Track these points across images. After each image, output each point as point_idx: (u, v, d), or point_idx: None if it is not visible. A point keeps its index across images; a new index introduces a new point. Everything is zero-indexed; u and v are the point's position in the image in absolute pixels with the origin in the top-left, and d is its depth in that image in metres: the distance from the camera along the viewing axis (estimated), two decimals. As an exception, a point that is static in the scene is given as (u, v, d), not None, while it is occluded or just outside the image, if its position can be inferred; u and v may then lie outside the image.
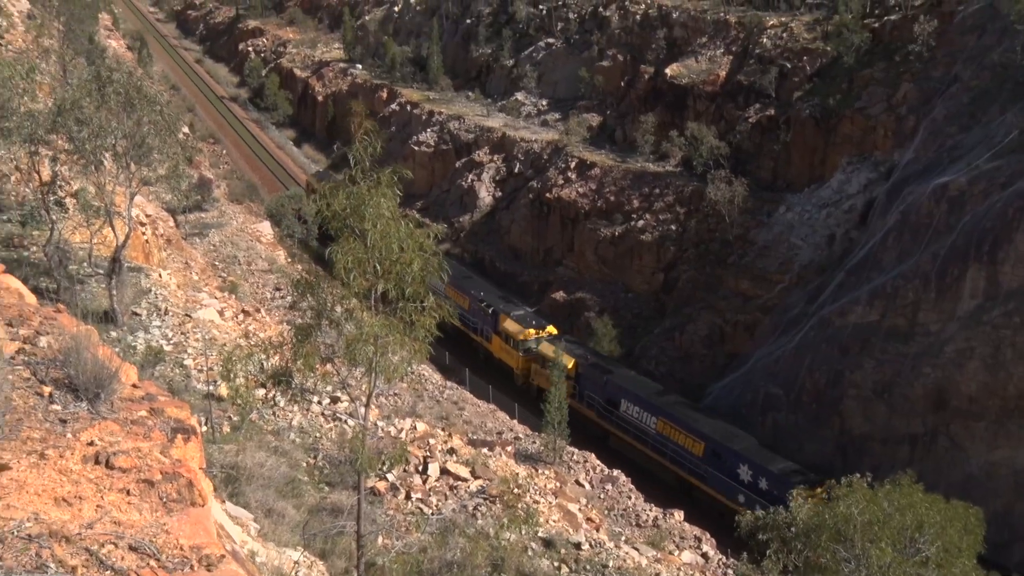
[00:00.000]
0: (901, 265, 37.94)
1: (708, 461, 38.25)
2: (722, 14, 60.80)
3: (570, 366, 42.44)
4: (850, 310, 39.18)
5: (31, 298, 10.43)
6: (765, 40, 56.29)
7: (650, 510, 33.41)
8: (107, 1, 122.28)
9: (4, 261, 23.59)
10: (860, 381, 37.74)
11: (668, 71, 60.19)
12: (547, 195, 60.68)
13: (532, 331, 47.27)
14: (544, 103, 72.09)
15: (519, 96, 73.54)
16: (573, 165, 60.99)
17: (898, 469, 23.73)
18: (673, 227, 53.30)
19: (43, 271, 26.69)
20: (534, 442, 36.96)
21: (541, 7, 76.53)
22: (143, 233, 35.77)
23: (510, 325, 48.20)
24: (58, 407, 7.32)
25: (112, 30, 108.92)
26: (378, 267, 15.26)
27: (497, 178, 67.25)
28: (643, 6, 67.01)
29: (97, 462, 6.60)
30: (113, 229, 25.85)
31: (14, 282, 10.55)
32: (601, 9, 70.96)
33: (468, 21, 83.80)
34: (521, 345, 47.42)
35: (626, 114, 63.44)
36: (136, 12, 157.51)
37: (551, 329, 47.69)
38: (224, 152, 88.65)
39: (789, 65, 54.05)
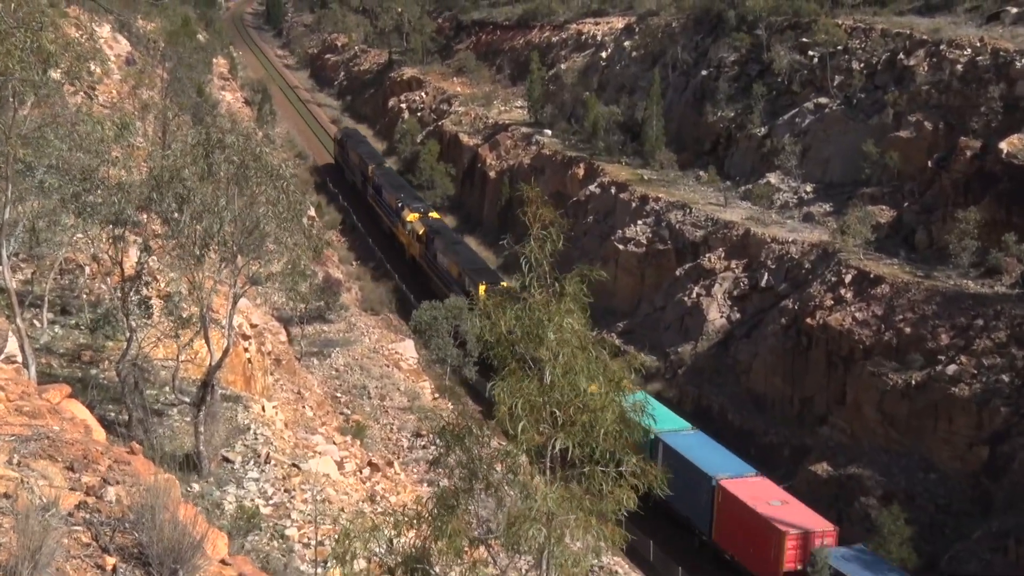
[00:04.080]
0: None
1: None
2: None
3: None
4: None
5: (100, 433, 11.17)
6: None
7: None
8: (225, 43, 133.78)
9: (68, 380, 25.45)
10: None
11: (1004, 145, 58.71)
12: (808, 320, 59.75)
13: None
14: (808, 189, 71.66)
15: (772, 178, 73.51)
16: (849, 279, 59.91)
17: None
18: (1005, 377, 51.24)
19: (114, 396, 28.57)
20: None
21: (811, 53, 76.86)
22: (246, 349, 37.84)
23: None
24: (122, 586, 7.68)
25: (228, 79, 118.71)
26: (557, 414, 15.30)
27: (735, 293, 66.87)
28: (968, 52, 65.98)
29: (166, 671, 6.83)
30: (207, 342, 27.44)
31: (80, 411, 11.34)
32: (901, 57, 70.44)
33: (704, 73, 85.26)
34: None
35: (934, 208, 62.03)
36: (260, 56, 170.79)
37: None
38: (359, 244, 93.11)
39: None
